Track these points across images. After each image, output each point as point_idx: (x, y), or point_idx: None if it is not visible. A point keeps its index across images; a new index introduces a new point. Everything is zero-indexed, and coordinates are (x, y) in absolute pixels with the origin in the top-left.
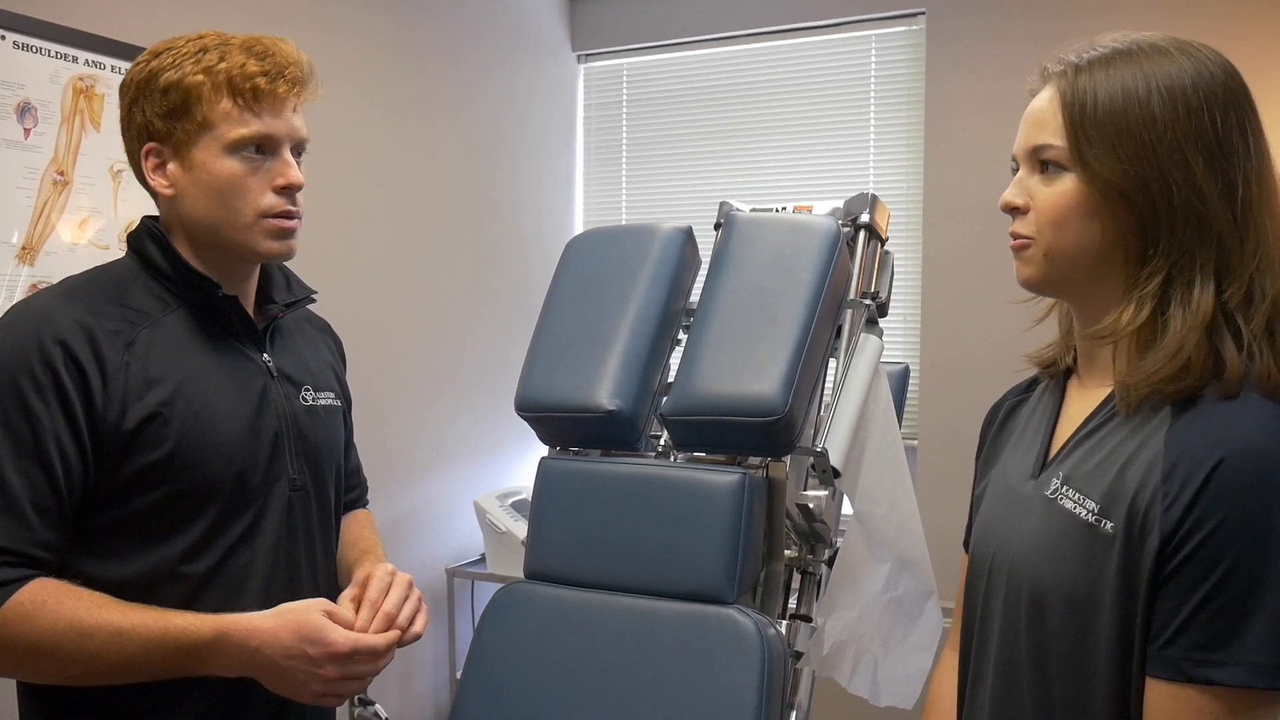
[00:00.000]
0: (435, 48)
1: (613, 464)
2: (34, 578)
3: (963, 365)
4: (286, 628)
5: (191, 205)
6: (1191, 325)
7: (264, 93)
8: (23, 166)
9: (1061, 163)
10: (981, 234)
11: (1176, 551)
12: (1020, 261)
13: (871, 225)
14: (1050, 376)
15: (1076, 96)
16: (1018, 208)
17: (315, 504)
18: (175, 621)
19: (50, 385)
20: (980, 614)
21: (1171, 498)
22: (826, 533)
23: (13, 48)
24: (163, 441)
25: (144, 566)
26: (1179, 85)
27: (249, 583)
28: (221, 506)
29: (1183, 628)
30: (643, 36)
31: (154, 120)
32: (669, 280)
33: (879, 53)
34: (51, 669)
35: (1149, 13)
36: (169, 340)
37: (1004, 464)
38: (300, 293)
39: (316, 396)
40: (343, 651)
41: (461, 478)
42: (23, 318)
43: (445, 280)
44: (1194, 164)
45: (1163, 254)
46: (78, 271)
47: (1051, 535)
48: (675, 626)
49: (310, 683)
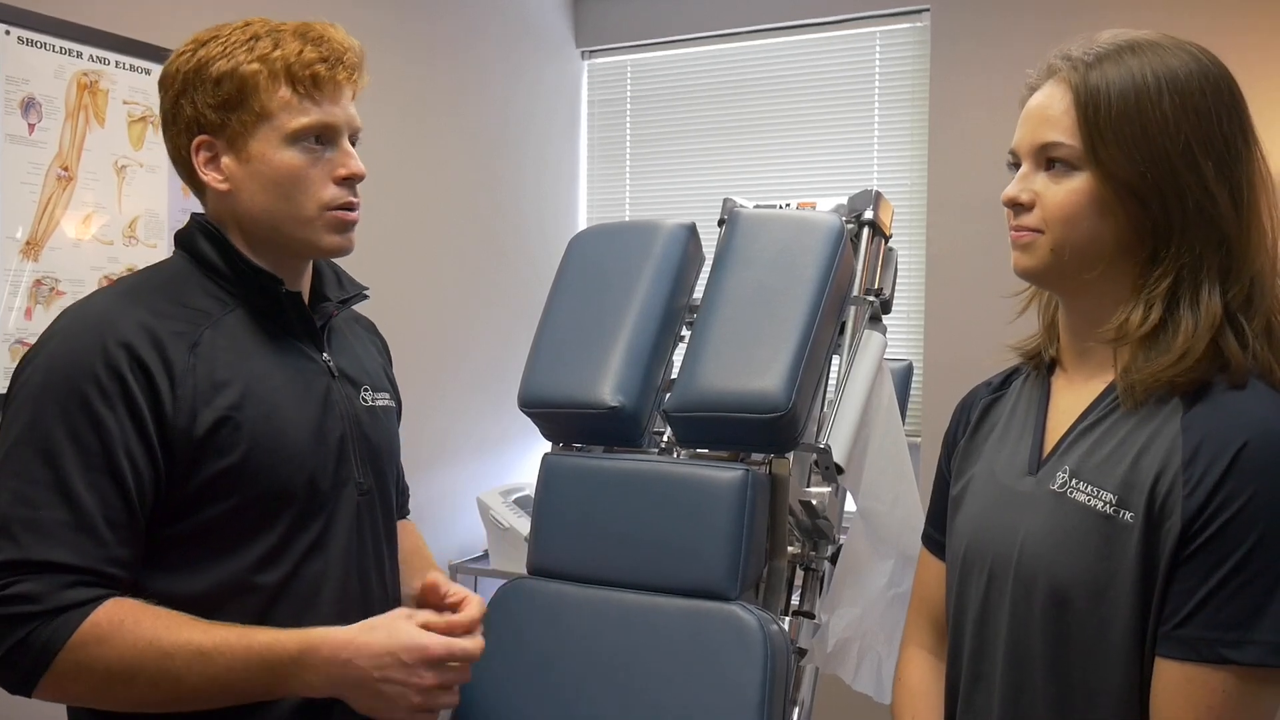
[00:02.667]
0: (439, 44)
1: (616, 460)
2: (109, 597)
3: (966, 362)
4: (377, 637)
5: (249, 199)
6: (1203, 329)
7: (323, 80)
8: (27, 162)
9: (1073, 161)
10: (985, 231)
11: (1198, 534)
12: (1022, 252)
13: (875, 222)
14: (1035, 368)
15: (1090, 95)
16: (1022, 204)
17: (380, 508)
18: (259, 638)
19: (117, 392)
20: (977, 615)
21: (1195, 482)
22: (830, 529)
23: (17, 43)
24: (234, 447)
25: (215, 579)
26: (1188, 87)
27: (322, 592)
28: (294, 513)
29: (1199, 607)
30: (647, 33)
31: (206, 112)
32: (672, 276)
33: (883, 49)
34: (132, 694)
35: (1151, 10)
36: (231, 341)
37: (988, 462)
38: (352, 289)
39: (375, 397)
40: (438, 654)
41: (464, 474)
42: (80, 322)
43: (449, 276)
44: (1204, 167)
45: (1173, 255)
46: (82, 266)
47: (1065, 529)
48: (678, 623)
49: (406, 694)
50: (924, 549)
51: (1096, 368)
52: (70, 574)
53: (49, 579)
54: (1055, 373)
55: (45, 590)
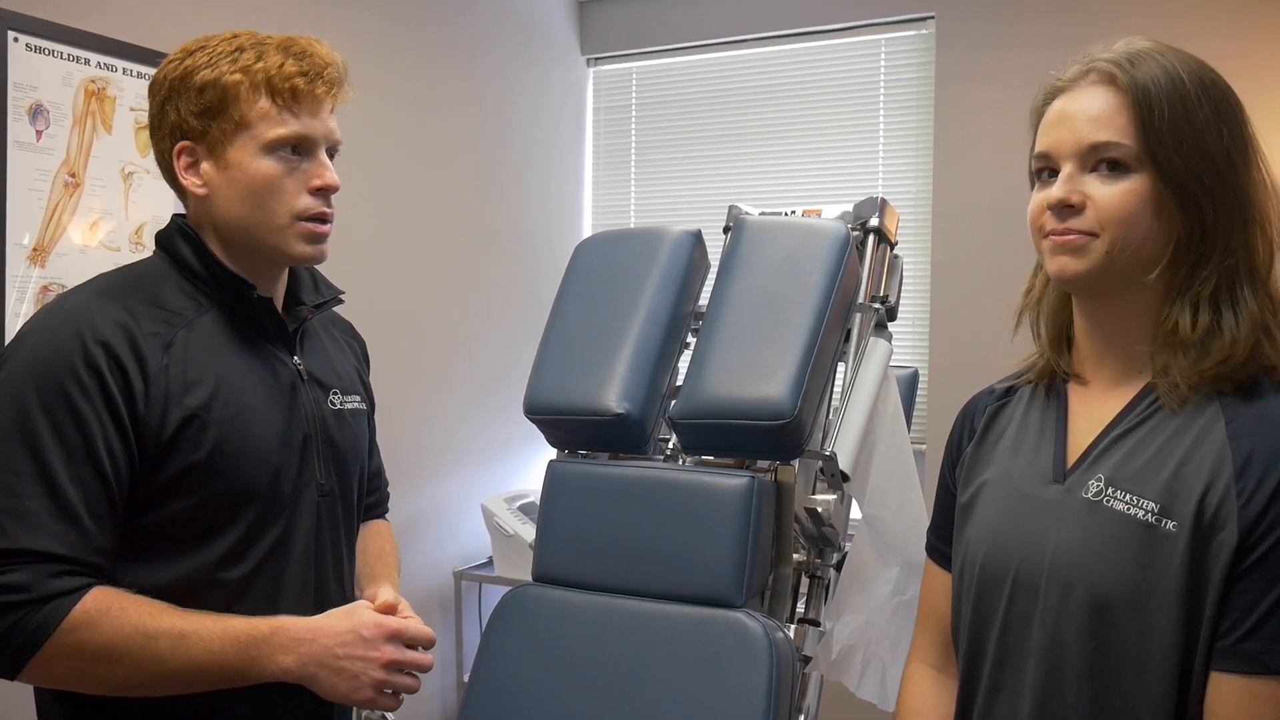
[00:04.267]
0: (445, 51)
1: (621, 467)
2: (94, 585)
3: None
4: (338, 619)
5: (224, 205)
6: (1245, 330)
7: (303, 93)
8: (34, 168)
9: (1128, 162)
10: (991, 238)
11: (1256, 546)
12: (1070, 256)
13: (881, 229)
14: (1048, 389)
15: (1143, 95)
16: (1073, 205)
17: (341, 510)
18: (234, 621)
19: (97, 389)
20: (1000, 625)
21: (1250, 493)
22: (835, 536)
23: (25, 50)
24: (200, 445)
25: (181, 573)
26: (1215, 91)
27: (283, 590)
28: (257, 512)
29: (1263, 620)
30: (652, 40)
31: (188, 119)
32: (678, 283)
33: (888, 57)
34: (117, 675)
35: (1159, 17)
36: (204, 342)
37: (1002, 469)
38: (328, 293)
39: (344, 400)
40: (395, 628)
41: (469, 480)
42: (59, 319)
43: (454, 282)
44: (1241, 169)
45: (1219, 256)
46: (89, 272)
47: (1102, 538)
48: (683, 630)
49: (368, 669)
50: (929, 561)
51: (1120, 375)
52: (57, 563)
53: (37, 568)
54: (1069, 382)
55: (33, 579)
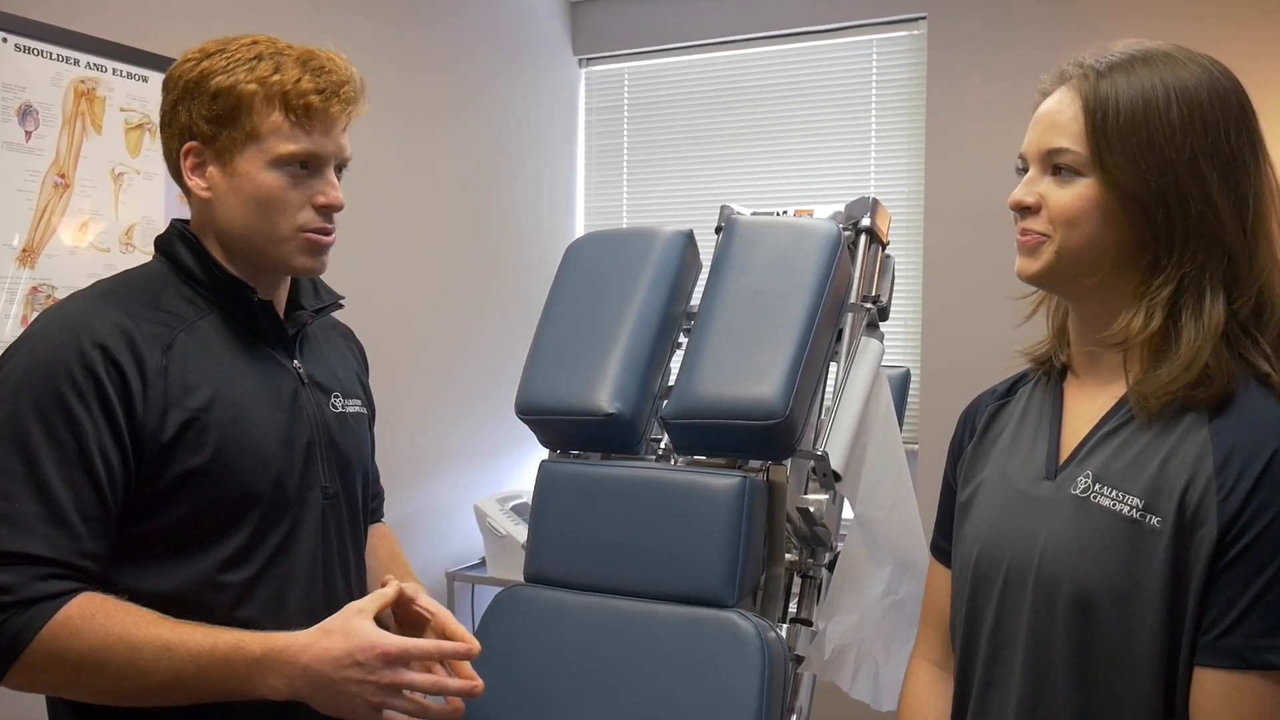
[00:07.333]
0: (436, 52)
1: (613, 467)
2: (81, 590)
3: (963, 369)
4: (335, 642)
5: (228, 211)
6: (1205, 337)
7: (317, 110)
8: (24, 169)
9: (1077, 168)
10: (982, 238)
11: (1235, 541)
12: (1027, 256)
13: (872, 229)
14: (1045, 374)
15: (1099, 103)
16: (1029, 207)
17: (346, 512)
18: (224, 638)
19: (92, 391)
20: (992, 620)
21: (1229, 488)
22: (827, 536)
23: (14, 50)
24: (201, 448)
25: (184, 577)
26: (1196, 99)
27: (289, 593)
28: (260, 515)
29: (1244, 615)
30: (644, 41)
31: (199, 122)
32: (669, 283)
33: (880, 57)
34: (100, 685)
35: (1151, 18)
36: (204, 345)
37: (999, 467)
38: (328, 298)
39: (345, 404)
40: (394, 653)
41: (462, 481)
42: (58, 322)
43: (446, 283)
44: (1209, 178)
45: (1175, 264)
46: (79, 274)
47: (1089, 533)
48: (676, 630)
49: (364, 693)
50: (933, 559)
51: (1109, 374)
52: (45, 566)
53: (24, 570)
54: (1066, 378)
55: (20, 581)
